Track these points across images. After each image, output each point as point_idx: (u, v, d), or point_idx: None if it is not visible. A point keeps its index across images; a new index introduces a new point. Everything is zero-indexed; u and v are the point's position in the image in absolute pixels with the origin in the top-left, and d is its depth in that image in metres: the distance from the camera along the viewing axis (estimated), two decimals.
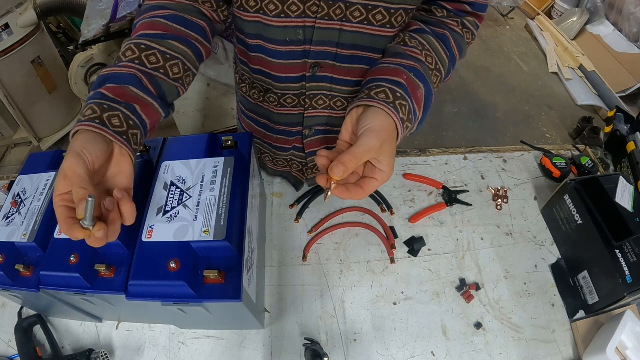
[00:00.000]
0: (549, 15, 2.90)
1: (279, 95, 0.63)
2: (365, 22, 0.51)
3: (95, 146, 0.42)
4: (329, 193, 0.43)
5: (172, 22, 0.50)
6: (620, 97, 2.27)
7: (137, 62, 0.47)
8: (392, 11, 0.51)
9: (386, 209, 0.79)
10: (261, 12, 0.52)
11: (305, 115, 0.65)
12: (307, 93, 0.61)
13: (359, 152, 0.42)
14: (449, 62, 0.55)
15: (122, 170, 0.45)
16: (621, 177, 0.70)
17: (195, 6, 0.54)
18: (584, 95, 2.32)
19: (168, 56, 0.49)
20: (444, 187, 0.82)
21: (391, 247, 0.74)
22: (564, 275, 0.71)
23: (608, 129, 1.97)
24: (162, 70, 0.49)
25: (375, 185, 0.45)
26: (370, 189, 0.45)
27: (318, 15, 0.51)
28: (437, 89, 0.55)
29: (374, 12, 0.50)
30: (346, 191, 0.44)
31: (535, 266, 0.73)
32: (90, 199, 0.38)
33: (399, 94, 0.47)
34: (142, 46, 0.48)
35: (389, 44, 0.55)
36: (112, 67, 0.47)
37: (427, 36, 0.53)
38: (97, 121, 0.43)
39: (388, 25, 0.52)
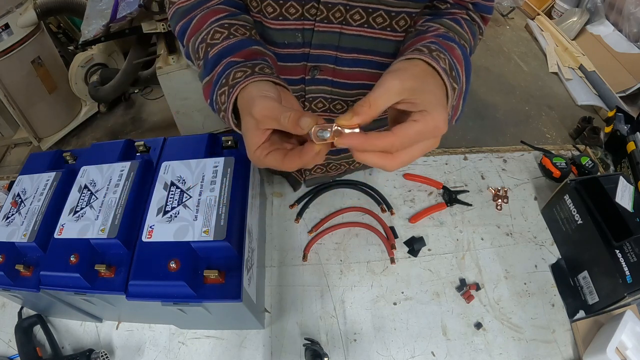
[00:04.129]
0: (549, 15, 2.90)
1: None
2: (366, 25, 0.51)
3: (269, 87, 0.41)
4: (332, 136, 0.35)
5: (228, 6, 0.52)
6: (620, 97, 2.27)
7: (231, 37, 0.48)
8: (393, 14, 0.50)
9: (386, 209, 0.79)
10: (261, 13, 0.52)
11: None
12: (306, 95, 0.61)
13: (373, 94, 0.35)
14: (469, 39, 0.51)
15: (293, 104, 0.44)
16: (621, 177, 0.70)
17: None
18: (584, 95, 2.32)
19: (248, 26, 0.51)
20: (444, 187, 0.82)
21: (391, 247, 0.74)
22: (564, 275, 0.71)
23: (608, 129, 1.97)
24: (253, 37, 0.50)
25: (415, 129, 0.35)
26: (404, 132, 0.35)
27: (317, 18, 0.50)
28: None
29: (374, 15, 0.50)
30: (361, 137, 0.34)
31: (535, 266, 0.73)
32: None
33: (433, 47, 0.42)
34: (225, 25, 0.49)
35: (402, 47, 0.51)
36: (215, 48, 0.47)
37: (439, 20, 0.50)
38: (256, 74, 0.42)
39: (389, 29, 0.52)
